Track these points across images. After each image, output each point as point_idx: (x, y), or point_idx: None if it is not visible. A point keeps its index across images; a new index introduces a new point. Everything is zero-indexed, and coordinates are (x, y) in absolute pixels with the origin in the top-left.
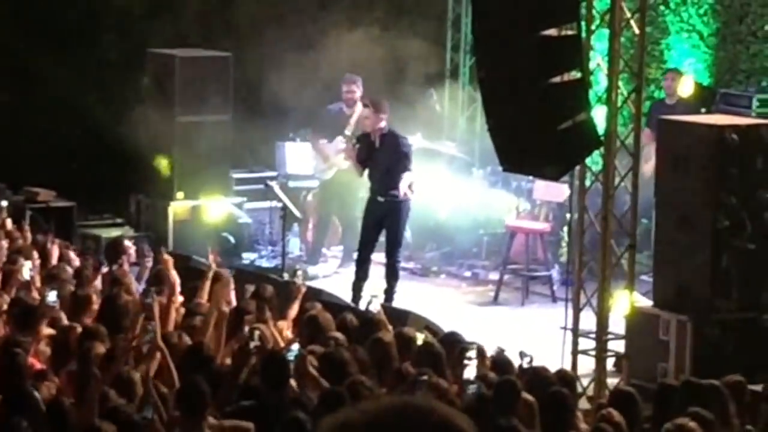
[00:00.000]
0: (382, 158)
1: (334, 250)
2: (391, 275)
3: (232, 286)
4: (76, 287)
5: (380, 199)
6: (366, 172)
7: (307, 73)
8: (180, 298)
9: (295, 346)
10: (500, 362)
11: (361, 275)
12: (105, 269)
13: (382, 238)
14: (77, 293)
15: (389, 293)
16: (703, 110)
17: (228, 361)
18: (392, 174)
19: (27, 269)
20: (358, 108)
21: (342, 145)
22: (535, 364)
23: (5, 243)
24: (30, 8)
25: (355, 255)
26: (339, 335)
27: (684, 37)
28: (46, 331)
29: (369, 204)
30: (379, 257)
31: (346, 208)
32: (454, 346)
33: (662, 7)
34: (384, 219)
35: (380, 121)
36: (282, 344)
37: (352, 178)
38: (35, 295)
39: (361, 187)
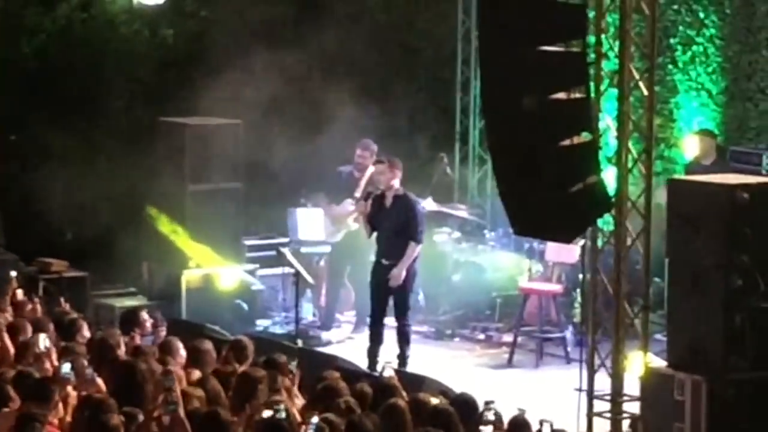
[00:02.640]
0: (391, 220)
1: (348, 315)
2: (403, 340)
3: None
4: (104, 356)
5: (385, 262)
6: (374, 234)
7: (317, 139)
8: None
9: (315, 419)
10: (516, 424)
11: (375, 340)
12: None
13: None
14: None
15: (402, 358)
16: None
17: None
18: (399, 238)
19: (43, 341)
20: (368, 172)
21: (351, 207)
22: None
23: (11, 314)
24: (38, 77)
25: (368, 320)
26: (351, 399)
27: (693, 95)
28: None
29: (374, 267)
30: (392, 320)
31: (357, 271)
32: (465, 406)
33: (670, 66)
34: (389, 282)
35: (395, 176)
36: (299, 417)
37: (361, 241)
38: (48, 366)
39: (371, 249)
